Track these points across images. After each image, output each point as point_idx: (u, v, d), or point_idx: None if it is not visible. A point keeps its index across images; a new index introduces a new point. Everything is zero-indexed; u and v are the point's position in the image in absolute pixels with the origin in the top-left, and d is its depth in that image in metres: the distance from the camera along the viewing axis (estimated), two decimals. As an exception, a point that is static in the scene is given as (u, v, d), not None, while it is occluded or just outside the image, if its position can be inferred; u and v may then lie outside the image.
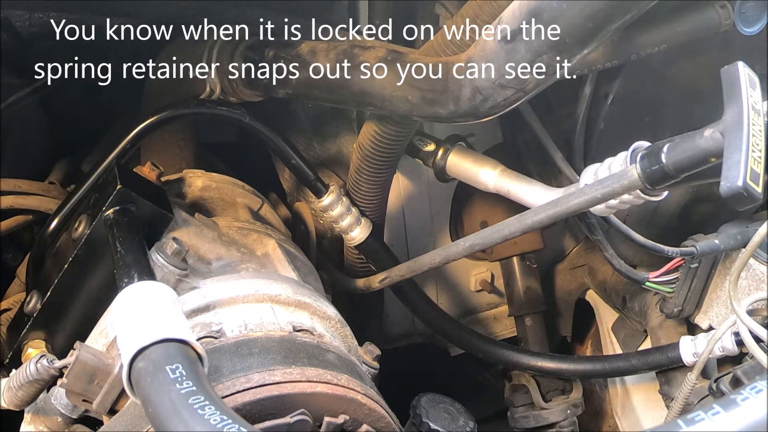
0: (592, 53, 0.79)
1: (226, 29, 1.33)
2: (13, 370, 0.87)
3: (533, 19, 0.75)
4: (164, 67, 1.50)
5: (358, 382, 0.84)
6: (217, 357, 0.80)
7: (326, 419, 0.76)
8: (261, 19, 1.37)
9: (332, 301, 1.22)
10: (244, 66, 1.29)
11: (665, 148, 0.75)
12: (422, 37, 1.31)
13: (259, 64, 1.26)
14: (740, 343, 1.11)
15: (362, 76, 1.04)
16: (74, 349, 0.78)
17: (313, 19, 1.36)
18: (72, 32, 1.47)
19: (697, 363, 1.15)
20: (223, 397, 0.74)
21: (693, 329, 1.36)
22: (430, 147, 1.27)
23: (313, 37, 1.23)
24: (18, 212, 1.32)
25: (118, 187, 0.97)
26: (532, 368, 1.44)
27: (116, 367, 0.78)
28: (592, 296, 1.65)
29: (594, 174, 0.97)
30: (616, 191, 0.79)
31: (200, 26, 1.39)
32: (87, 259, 0.99)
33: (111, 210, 0.97)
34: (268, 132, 1.24)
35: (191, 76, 1.32)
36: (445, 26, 0.99)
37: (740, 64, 0.71)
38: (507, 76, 0.82)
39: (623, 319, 1.53)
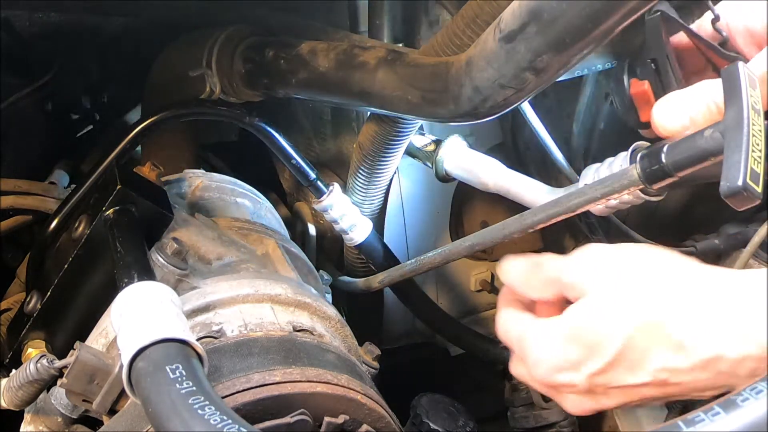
0: (592, 53, 0.79)
1: (226, 29, 1.33)
2: (13, 370, 0.87)
3: (533, 19, 0.75)
4: (164, 67, 1.51)
5: (358, 382, 0.84)
6: (217, 357, 0.80)
7: (326, 419, 0.76)
8: (262, 19, 1.37)
9: (332, 301, 1.22)
10: (244, 66, 1.29)
11: (665, 148, 0.75)
12: (422, 37, 1.31)
13: (259, 64, 1.26)
14: (740, 343, 1.10)
15: (362, 76, 1.04)
16: (74, 349, 0.78)
17: (313, 19, 1.36)
18: (72, 32, 1.47)
19: (697, 363, 1.14)
20: (223, 397, 0.74)
21: (693, 329, 1.36)
22: (430, 147, 1.27)
23: (313, 37, 1.23)
24: (18, 212, 1.32)
25: (118, 187, 0.97)
26: (532, 368, 1.44)
27: (116, 367, 0.78)
28: (592, 296, 1.64)
29: (594, 174, 0.97)
30: (615, 191, 0.79)
31: (200, 26, 1.39)
32: (87, 259, 0.99)
33: (111, 210, 0.97)
34: (268, 132, 1.24)
35: (191, 76, 1.32)
36: (445, 26, 0.99)
37: (740, 63, 0.71)
38: (507, 76, 0.82)
39: (623, 319, 1.52)
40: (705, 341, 0.70)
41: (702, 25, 0.87)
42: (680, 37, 0.88)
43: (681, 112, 0.78)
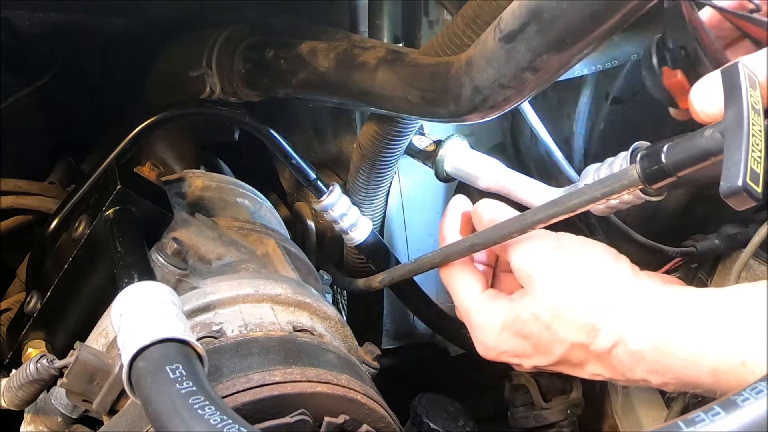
0: (592, 53, 0.79)
1: (226, 29, 1.33)
2: (13, 370, 0.87)
3: (533, 19, 0.75)
4: (165, 66, 1.51)
5: (358, 382, 0.84)
6: (217, 357, 0.80)
7: (326, 419, 0.76)
8: (262, 19, 1.37)
9: (332, 301, 1.22)
10: (244, 66, 1.29)
11: (665, 148, 0.75)
12: (422, 37, 1.31)
13: (259, 64, 1.26)
14: (740, 343, 1.10)
15: (362, 76, 1.04)
16: (74, 349, 0.78)
17: (313, 19, 1.36)
18: (72, 32, 1.47)
19: (697, 363, 1.14)
20: (223, 397, 0.74)
21: (693, 329, 1.36)
22: (430, 147, 1.27)
23: (313, 37, 1.23)
24: (18, 212, 1.32)
25: (118, 187, 0.98)
26: (532, 368, 1.44)
27: (116, 367, 0.78)
28: (592, 296, 1.64)
29: (594, 174, 0.97)
30: (615, 191, 0.79)
31: (200, 26, 1.39)
32: (87, 259, 0.99)
33: (111, 210, 0.97)
34: (268, 132, 1.24)
35: (191, 76, 1.32)
36: (445, 26, 0.99)
37: (740, 63, 0.71)
38: (507, 76, 0.82)
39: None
40: (634, 368, 0.78)
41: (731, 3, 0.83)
42: (707, 15, 0.84)
43: (720, 94, 0.72)
